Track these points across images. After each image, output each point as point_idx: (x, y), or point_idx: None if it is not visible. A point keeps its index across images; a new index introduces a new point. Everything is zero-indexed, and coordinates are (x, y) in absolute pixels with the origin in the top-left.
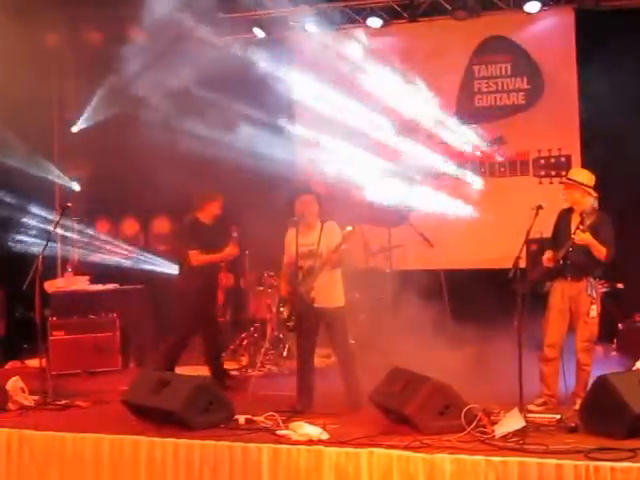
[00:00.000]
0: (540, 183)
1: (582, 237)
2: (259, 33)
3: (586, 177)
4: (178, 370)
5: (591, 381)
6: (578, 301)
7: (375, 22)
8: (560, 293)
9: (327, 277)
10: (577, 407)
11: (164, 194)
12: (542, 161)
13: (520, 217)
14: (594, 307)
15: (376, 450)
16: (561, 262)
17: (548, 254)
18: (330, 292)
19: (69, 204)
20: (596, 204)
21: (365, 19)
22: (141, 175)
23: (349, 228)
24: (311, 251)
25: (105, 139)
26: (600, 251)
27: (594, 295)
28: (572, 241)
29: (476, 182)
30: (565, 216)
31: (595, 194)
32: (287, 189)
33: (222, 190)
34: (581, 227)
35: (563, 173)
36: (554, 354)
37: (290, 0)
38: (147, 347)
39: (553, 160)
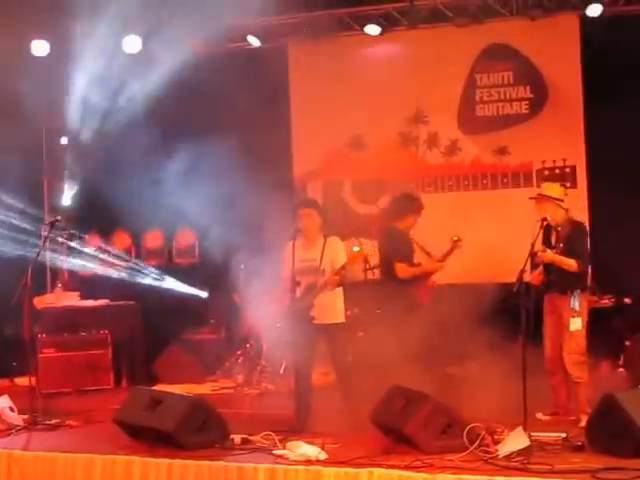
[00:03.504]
0: None
1: (545, 256)
2: (254, 42)
3: (556, 191)
4: (170, 389)
5: (593, 395)
6: (563, 314)
7: (373, 29)
8: (551, 307)
9: (328, 293)
10: (582, 424)
11: (156, 207)
12: (546, 172)
13: (524, 230)
14: (576, 320)
15: (376, 470)
16: (545, 277)
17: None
18: (330, 308)
19: (58, 218)
20: (571, 215)
21: (363, 26)
22: (132, 188)
23: (356, 248)
24: (312, 267)
25: (95, 151)
26: (569, 264)
27: (577, 308)
28: (538, 260)
29: (478, 194)
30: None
31: (566, 206)
32: (287, 201)
33: (214, 203)
34: (542, 248)
35: (568, 184)
36: (553, 366)
37: (285, 7)
38: (140, 365)
39: (558, 171)
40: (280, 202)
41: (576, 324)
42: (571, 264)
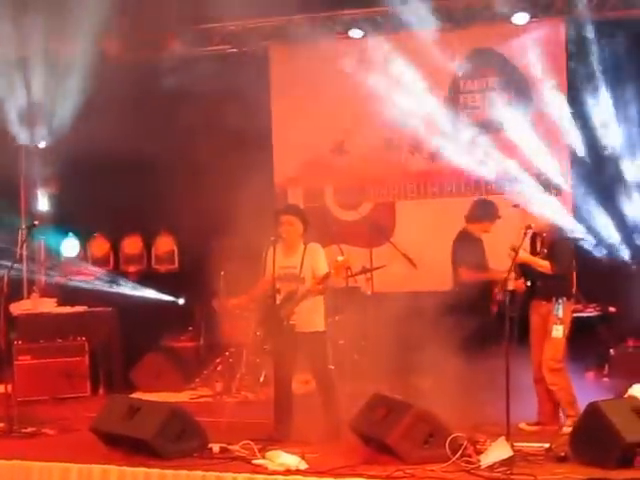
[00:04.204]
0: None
1: (518, 257)
2: (234, 46)
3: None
4: (148, 397)
5: (575, 403)
6: (547, 321)
7: (356, 34)
8: (537, 314)
9: (309, 301)
10: (566, 426)
11: (137, 212)
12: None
13: (507, 237)
14: (558, 327)
15: None
16: (530, 284)
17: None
18: (311, 316)
19: (36, 222)
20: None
21: (346, 31)
22: (112, 192)
23: (340, 258)
24: (292, 274)
25: (73, 154)
26: (542, 266)
27: (560, 315)
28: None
29: (461, 200)
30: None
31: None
32: (267, 207)
33: (194, 209)
34: (515, 247)
35: (553, 191)
36: (540, 374)
37: (266, 11)
38: (117, 372)
39: (542, 178)
40: (261, 208)
41: (558, 331)
42: (544, 265)
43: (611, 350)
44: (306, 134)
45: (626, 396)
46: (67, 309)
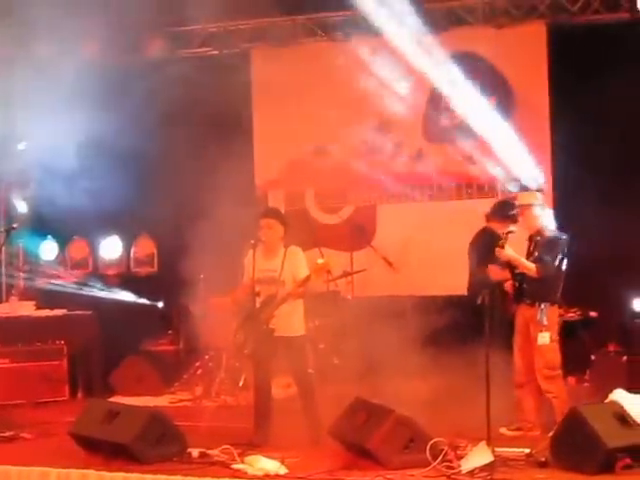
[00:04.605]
0: None
1: (504, 254)
2: (215, 48)
3: (534, 196)
4: (127, 401)
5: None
6: (533, 327)
7: (338, 36)
8: (522, 318)
9: (288, 305)
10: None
11: (115, 214)
12: (512, 182)
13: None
14: (545, 334)
15: None
16: (517, 286)
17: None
18: (291, 320)
19: (14, 226)
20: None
21: (327, 32)
22: (91, 195)
23: (320, 261)
24: (272, 278)
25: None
26: (527, 268)
27: (544, 322)
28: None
29: (443, 204)
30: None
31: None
32: (248, 210)
33: (174, 210)
34: (501, 243)
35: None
36: (522, 379)
37: (248, 13)
38: (96, 376)
39: (523, 182)
40: (241, 211)
41: (544, 338)
42: (530, 268)
43: (592, 355)
44: (287, 137)
45: (607, 401)
46: (46, 312)
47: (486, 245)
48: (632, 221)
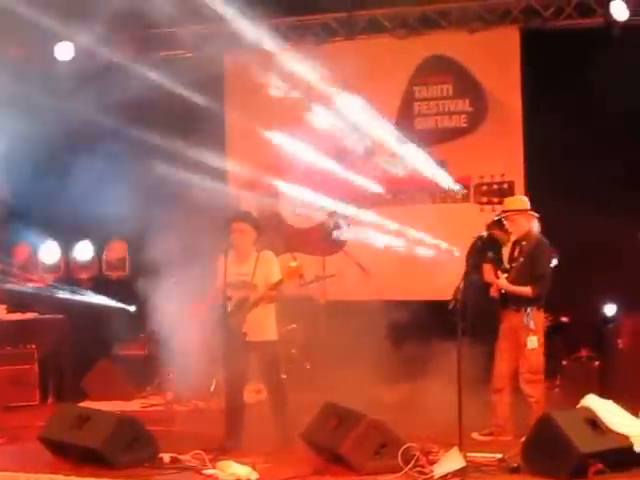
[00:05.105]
0: (482, 210)
1: (500, 284)
2: (188, 51)
3: (523, 202)
4: (99, 405)
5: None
6: (518, 332)
7: (310, 40)
8: (508, 323)
9: (260, 310)
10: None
11: (87, 218)
12: (484, 187)
13: (461, 246)
14: (533, 338)
15: None
16: (502, 292)
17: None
18: (263, 325)
19: None
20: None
21: (299, 37)
22: (64, 197)
23: (293, 264)
24: (244, 282)
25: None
26: (524, 292)
27: (531, 326)
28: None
29: (415, 208)
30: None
31: (536, 214)
32: (220, 214)
33: (146, 214)
34: (499, 272)
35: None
36: (502, 384)
37: (222, 17)
38: (67, 380)
39: (496, 186)
40: (214, 215)
41: (532, 342)
42: (526, 292)
43: (563, 361)
44: (260, 140)
45: (579, 407)
46: (17, 316)
47: (485, 246)
48: (605, 226)
